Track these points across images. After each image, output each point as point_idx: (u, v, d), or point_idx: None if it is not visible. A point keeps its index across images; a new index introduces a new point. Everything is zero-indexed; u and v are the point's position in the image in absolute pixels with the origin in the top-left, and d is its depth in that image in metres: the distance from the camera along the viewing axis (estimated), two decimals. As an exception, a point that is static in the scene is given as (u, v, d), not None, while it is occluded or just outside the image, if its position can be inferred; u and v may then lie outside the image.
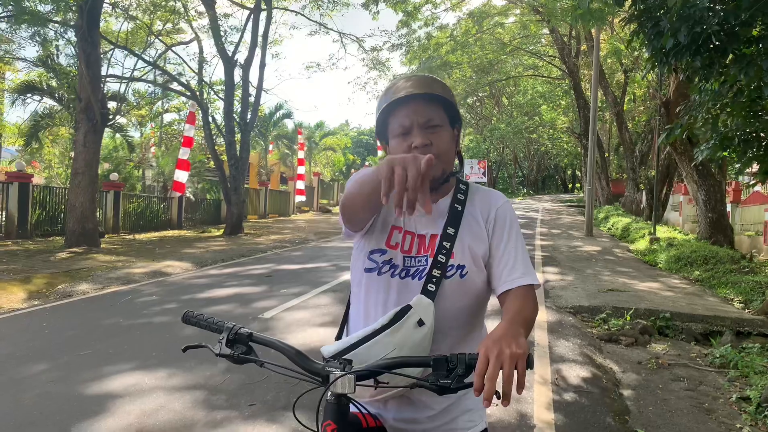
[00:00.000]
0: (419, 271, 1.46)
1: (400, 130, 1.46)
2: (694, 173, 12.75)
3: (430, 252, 1.46)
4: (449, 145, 1.50)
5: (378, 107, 1.53)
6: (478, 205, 1.53)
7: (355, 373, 1.20)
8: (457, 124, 1.55)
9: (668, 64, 5.85)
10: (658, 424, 4.10)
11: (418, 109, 1.45)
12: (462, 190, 1.56)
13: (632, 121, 29.91)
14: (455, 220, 1.49)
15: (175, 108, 29.32)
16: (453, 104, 1.50)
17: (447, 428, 1.47)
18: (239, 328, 1.37)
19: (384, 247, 1.49)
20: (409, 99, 1.45)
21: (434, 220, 1.51)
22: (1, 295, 7.61)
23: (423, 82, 1.48)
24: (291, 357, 1.31)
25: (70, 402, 3.98)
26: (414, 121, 1.45)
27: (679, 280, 10.06)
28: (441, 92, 1.48)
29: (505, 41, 29.30)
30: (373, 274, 1.50)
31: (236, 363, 1.35)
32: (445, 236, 1.47)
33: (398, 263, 1.48)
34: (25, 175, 14.88)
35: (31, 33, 16.76)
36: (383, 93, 1.53)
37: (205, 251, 13.67)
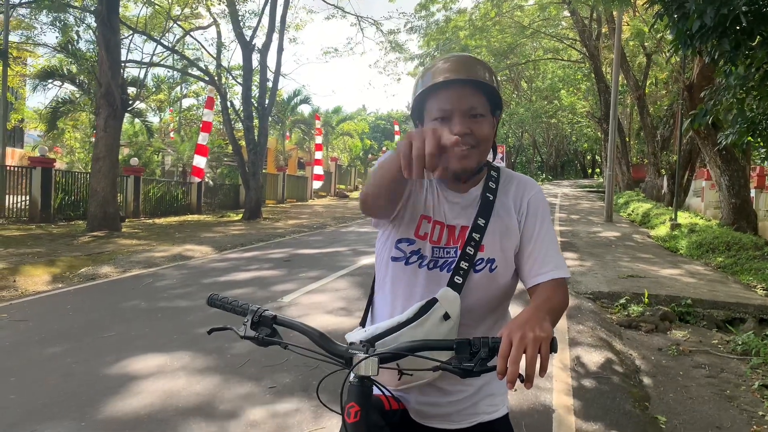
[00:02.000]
0: (448, 263, 1.42)
1: (440, 114, 1.39)
2: (717, 158, 12.53)
3: (459, 243, 1.43)
4: (489, 135, 1.42)
5: (415, 88, 1.46)
6: (510, 193, 1.48)
7: (378, 356, 1.20)
8: (498, 111, 1.47)
9: (693, 46, 5.72)
10: (678, 411, 4.07)
11: (461, 95, 1.38)
12: (493, 177, 1.50)
13: (654, 105, 29.42)
14: (486, 211, 1.45)
15: (193, 93, 29.48)
16: (497, 91, 1.43)
17: (469, 412, 1.46)
18: (263, 310, 1.37)
19: (412, 236, 1.45)
20: (453, 83, 1.38)
21: (465, 210, 1.46)
22: (26, 278, 7.76)
23: (466, 65, 1.40)
24: (315, 339, 1.32)
25: (93, 382, 4.06)
26: (456, 107, 1.38)
27: (701, 267, 9.93)
28: (486, 78, 1.41)
29: (524, 24, 28.89)
30: (400, 264, 1.46)
31: (261, 345, 1.36)
32: (475, 227, 1.43)
33: (426, 254, 1.44)
34: (47, 160, 15.09)
35: (52, 19, 16.93)
36: (421, 73, 1.47)
37: (225, 235, 13.79)
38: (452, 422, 1.46)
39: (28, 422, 3.39)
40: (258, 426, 3.43)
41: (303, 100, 32.83)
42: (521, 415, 3.70)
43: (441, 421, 1.46)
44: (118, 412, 3.57)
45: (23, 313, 6.00)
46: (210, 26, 21.94)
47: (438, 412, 1.46)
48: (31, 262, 8.61)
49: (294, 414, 3.61)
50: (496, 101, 1.44)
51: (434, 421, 1.47)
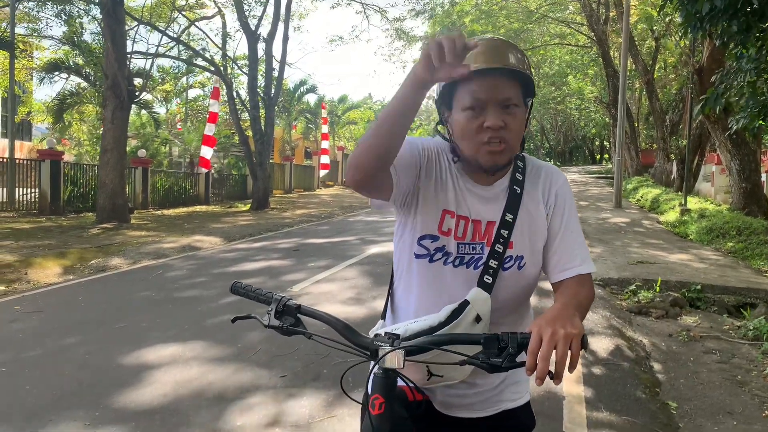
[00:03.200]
0: (474, 260, 1.38)
1: (473, 103, 1.31)
2: (727, 142, 12.41)
3: (486, 240, 1.38)
4: (522, 126, 1.36)
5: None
6: (539, 185, 1.43)
7: (404, 349, 1.19)
8: (530, 98, 1.40)
9: (703, 29, 5.65)
10: (689, 396, 4.07)
11: (498, 85, 1.31)
12: (520, 168, 1.44)
13: (663, 90, 29.14)
14: (514, 205, 1.39)
15: (199, 84, 29.50)
16: (531, 78, 1.36)
17: (494, 400, 1.46)
18: (287, 299, 1.36)
19: (436, 233, 1.39)
20: (487, 71, 1.30)
21: (490, 203, 1.41)
22: (38, 270, 7.83)
23: (501, 51, 1.32)
24: (339, 330, 1.31)
25: (107, 373, 4.10)
26: (491, 97, 1.31)
27: (711, 252, 9.87)
28: (521, 66, 1.33)
29: (531, 9, 28.63)
30: (424, 261, 1.41)
31: (284, 334, 1.35)
32: (503, 223, 1.38)
33: (451, 251, 1.39)
34: (56, 153, 15.16)
35: (57, 11, 16.94)
36: None
37: (233, 226, 13.83)
38: (476, 411, 1.45)
39: (45, 412, 3.43)
40: (269, 414, 3.46)
41: (309, 90, 32.80)
42: (532, 401, 3.70)
43: (465, 411, 1.45)
44: (131, 402, 3.61)
45: (36, 305, 6.06)
46: (215, 16, 21.92)
47: (463, 402, 1.45)
48: (42, 254, 8.68)
49: (305, 402, 3.63)
50: (529, 88, 1.38)
51: (458, 410, 1.46)
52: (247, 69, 20.05)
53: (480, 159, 1.34)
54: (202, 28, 33.84)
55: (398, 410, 1.26)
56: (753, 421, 3.69)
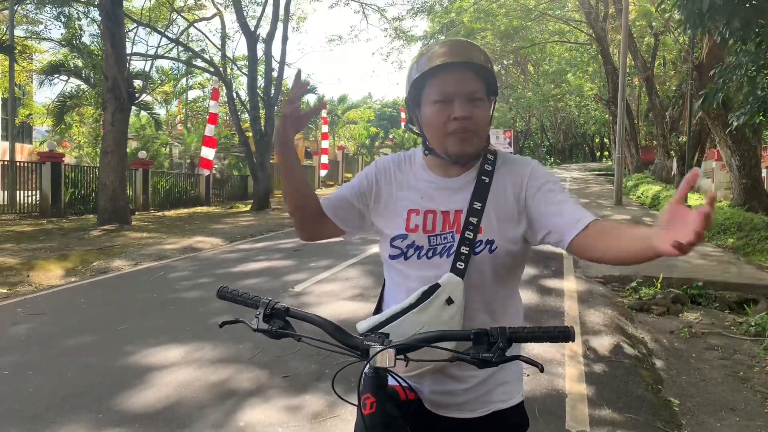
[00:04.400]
0: (446, 249, 1.42)
1: (440, 97, 1.39)
2: (727, 138, 12.41)
3: (456, 228, 1.43)
4: (487, 120, 1.44)
5: (411, 73, 1.45)
6: (507, 175, 1.46)
7: (395, 347, 1.20)
8: (493, 96, 1.48)
9: (703, 25, 5.65)
10: (691, 393, 4.07)
11: (463, 79, 1.39)
12: (489, 160, 1.49)
13: (662, 86, 29.12)
14: (482, 193, 1.44)
15: (199, 85, 29.50)
16: (493, 75, 1.44)
17: (483, 400, 1.45)
18: (275, 303, 1.36)
19: (404, 231, 1.46)
20: (452, 66, 1.38)
21: (457, 193, 1.46)
22: (39, 273, 7.84)
23: (463, 49, 1.41)
24: (329, 331, 1.31)
25: (110, 374, 4.11)
26: (458, 90, 1.39)
27: (712, 248, 9.87)
28: (484, 62, 1.42)
29: (530, 7, 28.61)
30: (400, 260, 1.47)
31: (274, 338, 1.35)
32: (471, 211, 1.42)
33: (423, 244, 1.45)
34: (56, 155, 15.17)
35: (56, 13, 16.95)
36: (417, 57, 1.46)
37: (234, 226, 13.84)
38: (467, 411, 1.45)
39: (48, 415, 3.44)
40: (272, 415, 3.47)
41: (308, 89, 32.77)
42: (534, 400, 3.71)
43: (455, 411, 1.46)
44: (134, 404, 3.62)
45: (38, 308, 6.07)
46: (214, 17, 21.90)
47: (452, 401, 1.46)
48: (43, 256, 8.69)
49: (308, 403, 3.64)
50: (492, 85, 1.46)
51: (449, 410, 1.46)
52: (247, 69, 20.07)
53: (449, 148, 1.41)
54: (201, 29, 33.84)
55: (390, 409, 1.27)
56: (755, 417, 3.69)
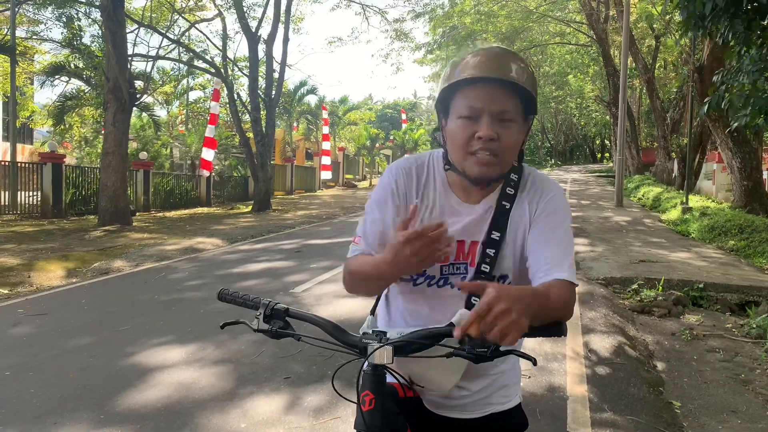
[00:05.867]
0: (459, 280, 1.38)
1: (468, 113, 1.29)
2: (728, 140, 12.41)
3: (470, 260, 1.36)
4: (516, 142, 1.33)
5: (442, 81, 1.36)
6: (527, 200, 1.37)
7: (392, 345, 1.21)
8: (531, 115, 1.37)
9: (704, 27, 5.65)
10: (693, 395, 4.07)
11: (493, 95, 1.28)
12: (513, 182, 1.38)
13: (663, 88, 29.12)
14: (501, 222, 1.35)
15: (199, 86, 29.51)
16: (532, 95, 1.31)
17: (483, 402, 1.45)
18: (275, 303, 1.37)
19: None
20: (484, 81, 1.27)
21: (475, 223, 1.37)
22: (41, 273, 7.84)
23: (499, 63, 1.29)
24: (328, 330, 1.32)
25: (111, 375, 4.11)
26: (486, 107, 1.28)
27: (713, 250, 9.87)
28: (519, 78, 1.28)
29: (531, 8, 28.63)
30: (408, 285, 1.42)
31: (274, 338, 1.36)
32: (489, 242, 1.34)
33: (434, 274, 1.39)
34: (57, 156, 15.19)
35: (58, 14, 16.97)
36: (451, 65, 1.36)
37: (235, 227, 13.84)
38: (465, 412, 1.45)
39: (50, 415, 3.44)
40: (274, 416, 3.47)
41: (309, 91, 32.84)
42: (535, 401, 3.71)
43: (454, 411, 1.46)
44: (135, 404, 3.62)
45: (39, 308, 6.07)
46: (215, 18, 21.91)
47: (451, 403, 1.46)
48: (44, 257, 8.69)
49: (309, 403, 3.64)
50: (530, 104, 1.33)
51: (448, 411, 1.46)
52: (248, 71, 20.07)
53: (467, 169, 1.32)
54: (202, 30, 33.85)
55: (389, 405, 1.27)
56: (757, 419, 3.69)
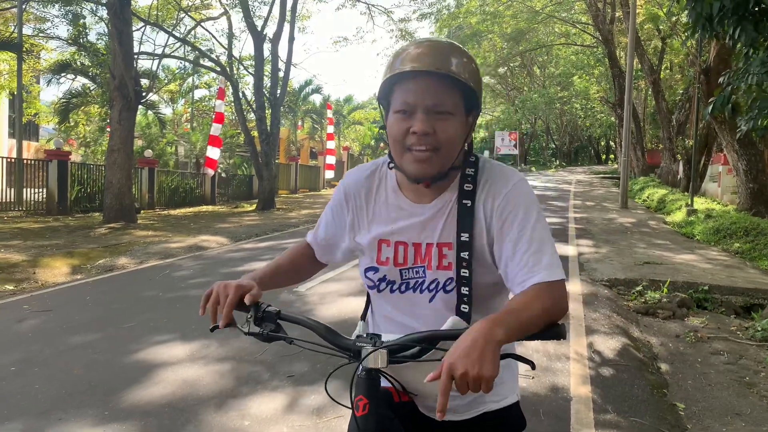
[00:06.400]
0: (419, 284, 1.34)
1: (402, 107, 1.24)
2: (734, 143, 12.37)
3: (427, 262, 1.32)
4: (456, 136, 1.26)
5: (384, 72, 1.29)
6: (486, 194, 1.30)
7: (386, 348, 1.17)
8: (474, 109, 1.30)
9: (712, 29, 5.63)
10: (697, 398, 4.06)
11: (428, 88, 1.22)
12: (469, 177, 1.31)
13: (669, 90, 29.04)
14: (467, 222, 1.28)
15: (205, 84, 29.56)
16: (472, 89, 1.25)
17: (476, 402, 1.40)
18: (267, 306, 1.33)
19: (375, 264, 1.38)
20: (421, 74, 1.22)
21: (429, 223, 1.33)
22: (46, 270, 7.87)
23: (439, 53, 1.23)
24: (321, 333, 1.29)
25: (116, 372, 4.12)
26: (419, 102, 1.22)
27: (718, 253, 9.84)
28: (458, 71, 1.22)
29: (537, 9, 28.59)
30: (374, 292, 1.42)
31: (265, 341, 1.32)
32: (461, 245, 1.27)
33: (394, 278, 1.36)
34: (63, 153, 15.24)
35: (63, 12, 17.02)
36: (393, 56, 1.29)
37: (239, 226, 13.87)
38: (459, 414, 1.40)
39: (54, 411, 3.45)
40: (277, 414, 3.47)
41: (314, 90, 32.85)
42: (539, 402, 3.71)
43: (448, 414, 1.37)
44: (140, 400, 3.63)
45: (44, 305, 6.10)
46: (221, 16, 21.94)
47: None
48: (49, 254, 8.72)
49: (312, 402, 3.65)
50: (473, 100, 1.27)
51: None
52: (253, 69, 20.10)
53: (405, 166, 1.27)
54: (208, 29, 33.95)
55: (383, 410, 1.24)
56: (761, 422, 3.68)
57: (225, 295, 1.29)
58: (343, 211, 1.46)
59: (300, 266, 1.56)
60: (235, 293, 1.29)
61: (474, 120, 1.32)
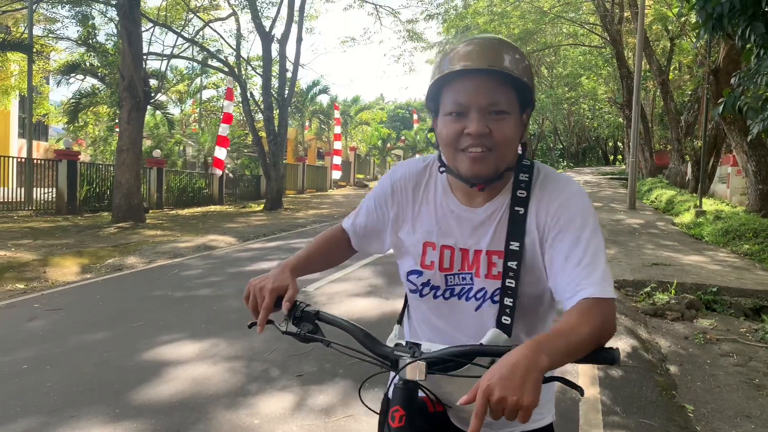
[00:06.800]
0: (465, 291, 1.29)
1: (455, 108, 1.20)
2: (744, 144, 12.30)
3: (474, 270, 1.27)
4: (513, 135, 1.21)
5: (432, 74, 1.25)
6: (534, 203, 1.24)
7: (426, 360, 1.14)
8: (528, 107, 1.26)
9: (722, 29, 5.61)
10: (706, 399, 4.05)
11: (481, 87, 1.17)
12: (523, 183, 1.25)
13: (678, 91, 28.89)
14: (518, 230, 1.22)
15: (213, 85, 29.67)
16: (527, 85, 1.21)
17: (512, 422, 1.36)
18: (306, 305, 1.30)
19: (419, 267, 1.32)
20: (472, 73, 1.17)
21: (479, 229, 1.27)
22: (56, 269, 7.93)
23: (491, 51, 1.18)
24: (359, 338, 1.25)
25: (126, 370, 4.16)
26: (473, 102, 1.18)
27: (727, 254, 9.79)
28: (512, 67, 1.18)
29: (544, 9, 28.52)
30: (416, 296, 1.35)
31: (302, 341, 1.29)
32: (509, 254, 1.22)
33: (439, 284, 1.31)
34: (72, 153, 15.34)
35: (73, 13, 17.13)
36: (440, 57, 1.25)
37: (247, 226, 13.92)
38: (493, 429, 1.34)
39: (66, 408, 3.49)
40: (286, 413, 3.49)
41: (321, 90, 32.89)
42: (548, 403, 3.70)
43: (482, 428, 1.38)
44: (150, 399, 3.66)
45: (55, 303, 6.15)
46: (229, 17, 22.00)
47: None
48: (59, 253, 8.79)
49: (321, 401, 3.66)
50: (526, 96, 1.23)
51: None
52: (261, 70, 20.17)
53: (460, 167, 1.22)
54: (216, 30, 34.04)
55: (419, 422, 1.22)
56: (771, 424, 3.66)
57: (261, 298, 1.29)
58: (387, 203, 1.40)
59: (334, 252, 1.52)
60: (270, 297, 1.28)
61: (528, 118, 1.28)
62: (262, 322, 1.28)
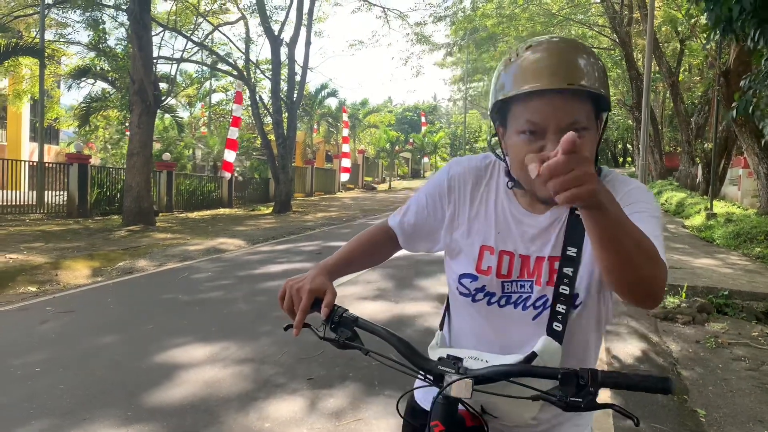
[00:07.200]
0: (522, 299, 1.22)
1: (529, 127, 1.10)
2: (755, 146, 12.22)
3: (535, 277, 1.21)
4: (592, 149, 1.14)
5: (496, 84, 1.17)
6: None
7: (472, 378, 1.09)
8: (604, 113, 1.17)
9: (733, 31, 5.59)
10: (718, 404, 4.02)
11: (559, 107, 1.08)
12: None
13: (688, 92, 28.74)
14: (576, 236, 1.16)
15: (222, 88, 29.87)
16: (604, 96, 1.12)
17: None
18: (344, 310, 1.24)
19: (474, 272, 1.25)
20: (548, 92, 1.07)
21: (541, 236, 1.22)
22: (68, 272, 7.99)
23: (564, 62, 1.08)
24: (399, 349, 1.19)
25: (137, 373, 4.18)
26: (551, 122, 1.08)
27: (738, 257, 9.71)
28: (591, 82, 1.09)
29: (553, 11, 28.47)
30: (467, 300, 1.28)
31: (340, 348, 1.24)
32: (566, 260, 1.17)
33: (494, 290, 1.24)
34: (83, 157, 15.47)
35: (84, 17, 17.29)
36: (504, 65, 1.16)
37: (256, 229, 13.97)
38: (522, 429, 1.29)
39: (79, 411, 3.52)
40: (296, 416, 3.50)
41: (330, 93, 32.99)
42: (558, 407, 3.69)
43: None
44: (162, 402, 3.68)
45: (67, 306, 6.20)
46: (238, 21, 22.14)
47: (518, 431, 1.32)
48: (71, 256, 8.86)
49: (332, 404, 3.67)
50: (603, 102, 1.14)
51: None
52: (270, 73, 20.27)
53: (537, 190, 1.15)
54: (225, 34, 34.28)
55: None
56: (784, 429, 3.64)
57: (298, 300, 1.23)
58: (443, 201, 1.33)
59: (376, 253, 1.44)
60: (308, 299, 1.22)
61: (602, 123, 1.18)
62: (298, 325, 1.21)
